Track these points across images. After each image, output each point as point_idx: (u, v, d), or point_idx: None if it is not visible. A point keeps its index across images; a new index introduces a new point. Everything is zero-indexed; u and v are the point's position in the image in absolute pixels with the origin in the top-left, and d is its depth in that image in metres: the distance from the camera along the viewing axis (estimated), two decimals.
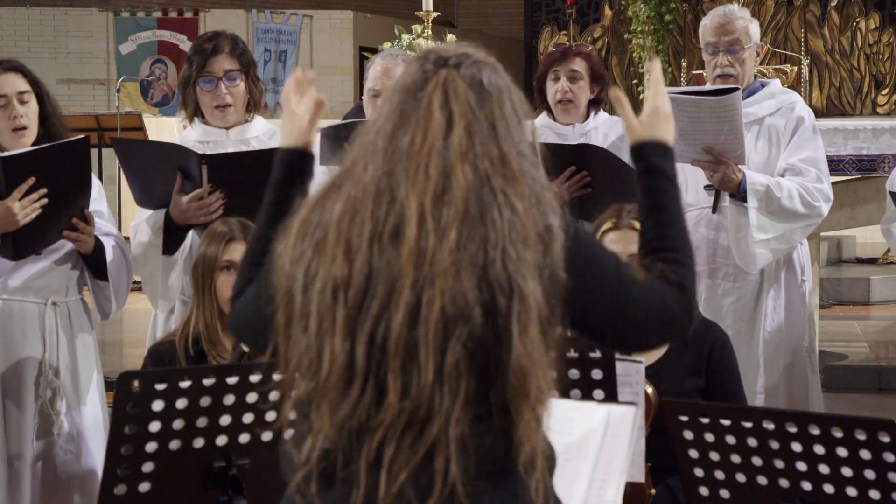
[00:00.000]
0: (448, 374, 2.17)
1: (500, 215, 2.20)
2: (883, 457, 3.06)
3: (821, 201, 5.33)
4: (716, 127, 5.09)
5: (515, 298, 2.18)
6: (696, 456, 3.32)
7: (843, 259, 13.01)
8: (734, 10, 5.52)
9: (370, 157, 2.25)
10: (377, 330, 2.19)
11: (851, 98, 14.34)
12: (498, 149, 2.25)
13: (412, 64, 2.33)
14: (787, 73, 10.58)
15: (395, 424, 2.18)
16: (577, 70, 5.48)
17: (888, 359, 9.51)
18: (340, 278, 2.20)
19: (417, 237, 2.18)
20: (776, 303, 5.44)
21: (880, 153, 7.14)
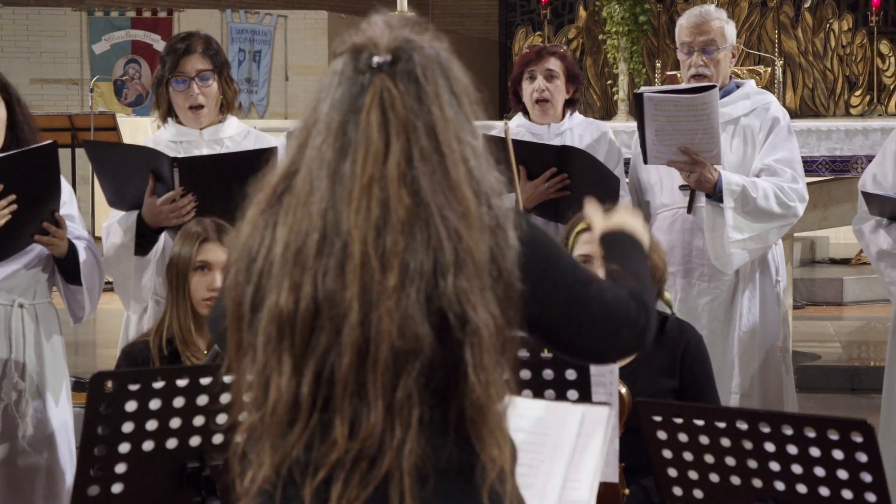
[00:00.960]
0: (399, 407, 2.13)
1: (445, 242, 2.14)
2: (856, 457, 3.07)
3: (796, 202, 5.35)
4: (692, 126, 5.10)
5: (467, 330, 2.13)
6: (669, 456, 3.32)
7: (817, 260, 13.06)
8: (710, 10, 5.53)
9: (315, 178, 2.18)
10: (323, 368, 2.14)
11: (825, 99, 14.39)
12: (441, 163, 2.18)
13: (345, 67, 2.23)
14: (761, 73, 10.62)
15: (343, 462, 2.14)
16: (553, 69, 5.50)
17: (861, 359, 9.55)
18: (286, 313, 2.15)
19: (361, 274, 2.12)
20: (751, 303, 5.46)
21: (853, 154, 7.17)
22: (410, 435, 2.13)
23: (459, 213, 2.16)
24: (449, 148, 2.19)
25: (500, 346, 2.18)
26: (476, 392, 2.14)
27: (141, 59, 17.25)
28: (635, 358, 4.28)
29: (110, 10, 17.41)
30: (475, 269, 2.15)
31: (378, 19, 2.28)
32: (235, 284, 2.23)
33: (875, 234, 5.24)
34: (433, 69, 2.23)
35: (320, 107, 2.22)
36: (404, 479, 2.13)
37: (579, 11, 15.13)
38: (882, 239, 5.21)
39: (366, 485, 2.13)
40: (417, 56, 2.23)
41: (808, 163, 6.85)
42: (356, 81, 2.21)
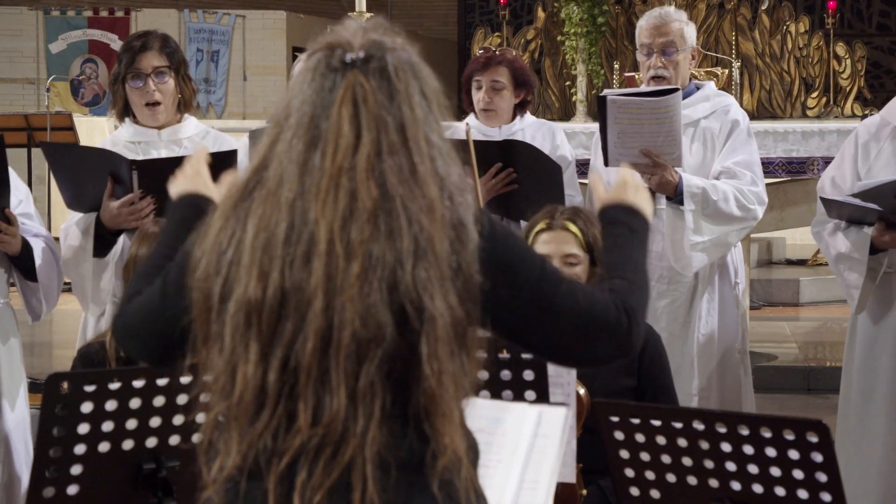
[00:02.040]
0: (362, 395, 2.15)
1: (407, 232, 2.17)
2: (811, 457, 3.08)
3: (756, 204, 5.38)
4: (655, 129, 5.11)
5: (424, 318, 2.16)
6: (626, 456, 3.33)
7: (773, 260, 13.12)
8: (670, 11, 5.55)
9: (285, 171, 2.22)
10: (290, 355, 2.17)
11: (781, 101, 14.45)
12: (407, 156, 2.22)
13: (318, 63, 2.27)
14: (719, 75, 10.65)
15: (307, 449, 2.16)
16: (499, 80, 5.50)
17: (817, 359, 9.60)
18: (254, 302, 2.18)
19: (327, 262, 2.15)
20: (710, 305, 5.48)
21: (809, 155, 7.22)
22: (373, 423, 2.15)
23: (423, 206, 2.19)
24: (416, 144, 2.23)
25: (457, 338, 2.20)
26: (429, 381, 2.17)
27: (98, 58, 17.16)
28: None
29: (67, 9, 17.32)
30: (435, 259, 2.17)
31: (352, 22, 2.32)
32: (205, 277, 2.25)
33: (834, 238, 5.27)
34: (405, 70, 2.27)
35: (292, 103, 2.26)
36: (367, 467, 2.15)
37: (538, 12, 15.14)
38: (840, 242, 5.23)
39: (329, 472, 2.15)
40: (390, 56, 2.26)
41: (765, 164, 6.88)
42: (329, 77, 2.24)
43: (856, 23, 18.68)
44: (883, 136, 5.26)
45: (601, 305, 2.41)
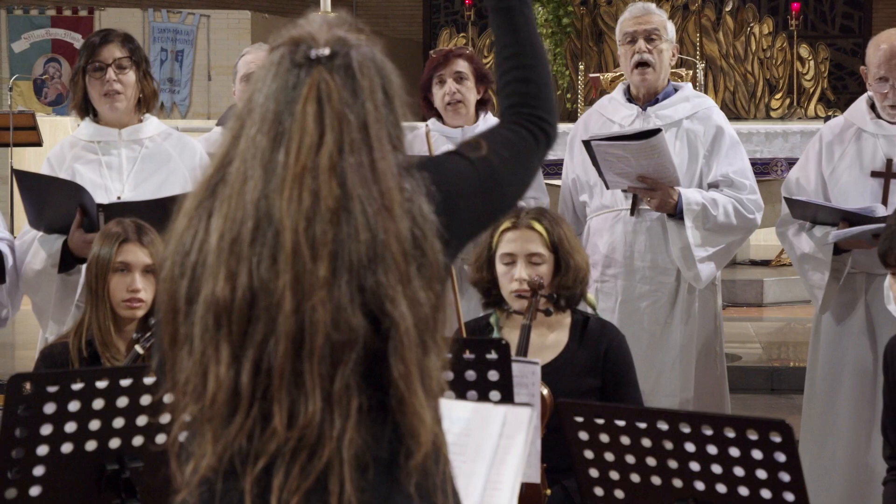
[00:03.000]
0: (337, 398, 2.13)
1: (365, 234, 2.15)
2: (774, 456, 3.10)
3: (755, 213, 5.44)
4: (644, 162, 5.15)
5: (389, 323, 2.15)
6: (591, 456, 3.33)
7: (738, 261, 13.15)
8: (652, 5, 5.61)
9: (249, 168, 2.19)
10: (262, 357, 2.15)
11: (746, 102, 14.51)
12: (369, 154, 2.20)
13: (282, 59, 2.24)
14: (683, 76, 10.69)
15: (283, 451, 2.14)
16: (462, 70, 5.50)
17: (781, 360, 9.63)
18: (223, 302, 2.15)
19: (293, 263, 2.13)
20: (690, 306, 5.50)
21: (773, 156, 7.26)
22: (350, 424, 2.13)
23: (381, 206, 2.18)
24: (378, 142, 2.22)
25: (426, 335, 2.19)
26: (397, 384, 2.16)
27: (61, 57, 17.08)
28: (558, 357, 4.30)
29: (30, 8, 17.23)
30: (394, 261, 2.16)
31: (316, 17, 2.31)
32: (170, 278, 2.23)
33: (798, 238, 5.30)
34: (369, 66, 2.25)
35: (255, 97, 2.23)
36: (344, 469, 2.13)
37: None
38: (805, 242, 5.26)
39: (306, 475, 2.14)
40: (355, 52, 2.25)
41: None
42: (293, 73, 2.22)
43: (819, 25, 18.78)
44: (847, 138, 5.30)
45: (529, 154, 2.49)
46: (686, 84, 5.70)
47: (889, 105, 5.16)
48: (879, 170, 5.20)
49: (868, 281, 5.25)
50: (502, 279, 4.30)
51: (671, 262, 5.40)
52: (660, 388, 4.92)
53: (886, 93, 5.13)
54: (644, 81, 5.46)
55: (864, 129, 5.26)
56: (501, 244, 4.30)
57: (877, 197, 5.16)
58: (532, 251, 4.26)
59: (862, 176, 5.22)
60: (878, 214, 4.95)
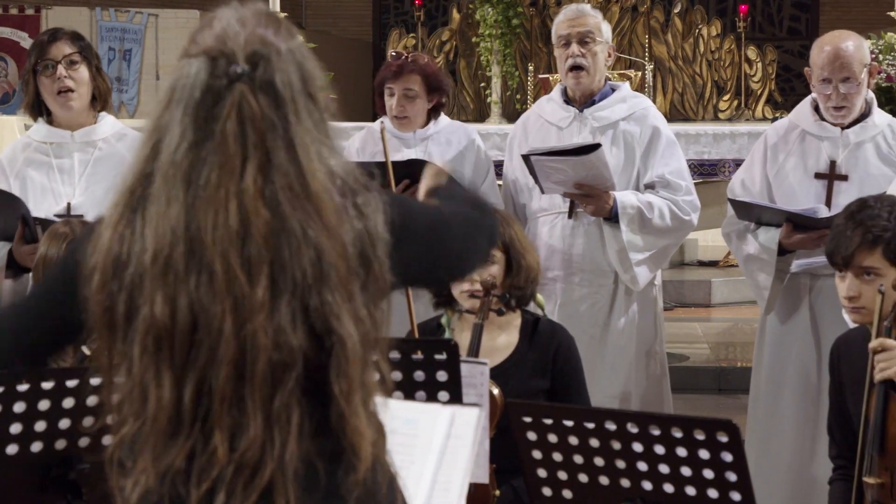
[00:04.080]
0: (277, 417, 2.13)
1: (307, 256, 2.12)
2: (721, 456, 3.11)
3: (691, 213, 5.46)
4: (583, 173, 5.16)
5: (333, 340, 2.14)
6: (539, 457, 3.34)
7: (686, 262, 13.21)
8: (587, 7, 5.62)
9: (171, 188, 2.14)
10: (204, 380, 2.13)
11: (694, 103, 14.56)
12: (299, 173, 2.15)
13: (200, 72, 2.17)
14: (632, 77, 10.73)
15: (224, 472, 2.13)
16: (412, 88, 5.48)
17: (728, 360, 9.68)
18: (163, 326, 2.13)
19: (229, 288, 2.11)
20: (629, 307, 5.51)
21: (721, 158, 7.28)
22: (290, 442, 2.13)
23: (321, 227, 2.14)
24: (307, 157, 2.16)
25: (368, 350, 2.18)
26: (338, 401, 2.15)
27: (8, 56, 16.93)
28: (507, 358, 4.31)
29: None
30: (339, 280, 2.14)
31: (229, 16, 2.22)
32: (101, 288, 2.20)
33: (743, 240, 5.33)
34: (289, 72, 2.19)
35: (173, 109, 2.17)
36: (288, 486, 2.13)
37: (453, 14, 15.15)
38: (750, 244, 5.29)
39: (249, 494, 2.13)
40: (275, 59, 2.18)
41: None
42: (213, 89, 2.16)
43: (767, 27, 18.87)
44: (791, 139, 5.33)
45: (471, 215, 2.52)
46: (623, 84, 5.71)
47: (832, 107, 5.19)
48: (823, 171, 5.24)
49: (812, 282, 5.28)
50: None
51: (609, 264, 5.42)
52: (599, 389, 4.94)
53: (830, 94, 5.17)
54: (578, 84, 5.48)
55: (809, 131, 5.30)
56: None
57: (820, 198, 5.20)
58: None
59: (806, 177, 5.25)
60: (821, 215, 4.99)
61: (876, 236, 3.91)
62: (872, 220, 3.93)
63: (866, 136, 5.24)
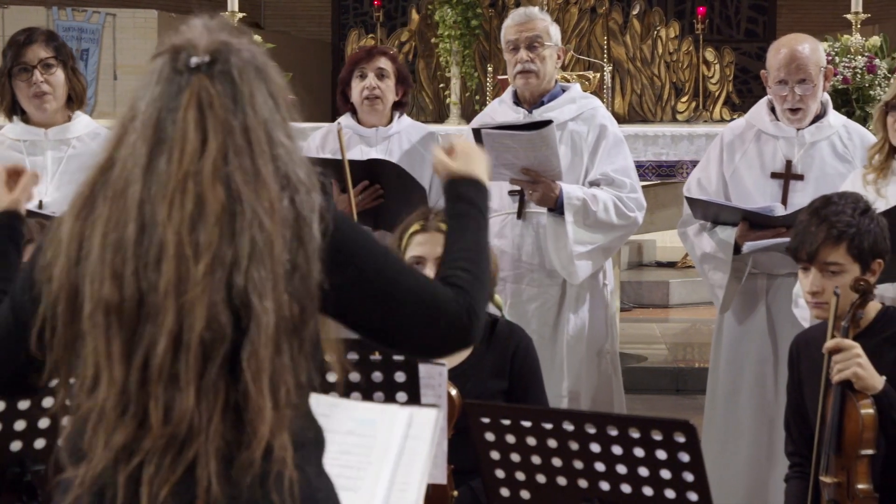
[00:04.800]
0: (205, 392, 2.20)
1: (247, 233, 2.21)
2: (678, 457, 3.12)
3: (636, 211, 5.45)
4: (531, 155, 5.16)
5: (251, 317, 2.21)
6: (497, 457, 3.34)
7: (644, 263, 13.26)
8: (535, 10, 5.64)
9: (130, 174, 2.25)
10: (149, 358, 2.21)
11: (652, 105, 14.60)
12: (251, 159, 2.26)
13: (163, 67, 2.31)
14: (591, 79, 10.75)
15: (155, 446, 2.20)
16: (384, 68, 5.52)
17: (686, 360, 9.72)
18: (111, 303, 2.21)
19: (177, 265, 2.19)
20: (579, 307, 5.53)
21: (679, 159, 7.30)
22: (215, 419, 2.20)
23: (265, 207, 2.23)
24: (259, 147, 2.27)
25: (286, 336, 2.24)
26: (244, 379, 2.21)
27: None
28: (465, 359, 4.30)
29: None
30: (271, 260, 2.22)
31: (197, 22, 2.36)
32: (66, 284, 2.27)
33: (699, 238, 5.35)
34: (249, 71, 2.31)
35: (138, 105, 2.29)
36: (210, 462, 2.20)
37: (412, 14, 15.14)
38: (706, 242, 5.32)
39: (175, 468, 2.20)
40: (235, 58, 2.30)
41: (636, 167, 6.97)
42: (174, 81, 2.28)
43: (725, 29, 18.97)
44: (747, 139, 5.36)
45: (444, 298, 2.47)
46: (574, 85, 5.74)
47: (788, 108, 5.23)
48: (779, 171, 5.27)
49: (769, 282, 5.31)
50: None
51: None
52: (549, 389, 4.95)
53: (786, 96, 5.20)
54: (527, 86, 5.50)
55: (765, 131, 5.33)
56: (410, 247, 4.29)
57: (776, 197, 5.23)
58: (441, 254, 4.25)
59: (762, 177, 5.29)
60: (777, 214, 5.02)
61: (840, 232, 3.94)
62: (837, 217, 3.96)
63: (822, 136, 5.28)
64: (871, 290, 3.98)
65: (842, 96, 7.84)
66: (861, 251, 3.97)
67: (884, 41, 8.24)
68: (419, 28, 14.95)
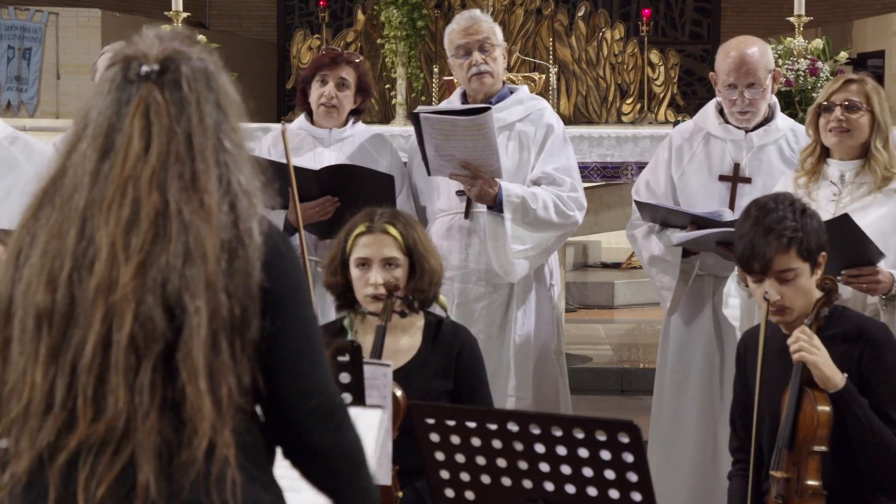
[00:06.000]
0: (139, 390, 2.21)
1: (179, 236, 2.24)
2: (622, 457, 3.13)
3: (575, 210, 5.45)
4: (471, 144, 5.16)
5: (185, 317, 2.22)
6: (442, 458, 3.34)
7: (589, 264, 13.29)
8: (478, 13, 5.65)
9: (79, 180, 2.29)
10: (78, 359, 2.22)
11: (598, 107, 14.65)
12: (191, 166, 2.28)
13: (115, 76, 2.34)
14: (536, 80, 10.76)
15: (89, 445, 2.21)
16: (346, 78, 5.51)
17: (631, 361, 9.75)
18: (43, 307, 2.24)
19: (109, 269, 2.22)
20: (526, 307, 5.53)
21: (624, 161, 7.32)
22: (152, 416, 2.21)
23: (199, 211, 2.26)
24: (202, 153, 2.30)
25: (223, 336, 2.24)
26: (181, 378, 2.22)
27: None
28: (411, 360, 4.30)
29: None
30: (204, 261, 2.24)
31: (150, 32, 2.39)
32: (5, 286, 2.30)
33: (647, 240, 5.37)
34: (198, 79, 2.34)
35: (90, 113, 2.33)
36: (147, 460, 2.21)
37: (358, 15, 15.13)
38: (654, 245, 5.33)
39: (112, 466, 2.21)
40: (185, 67, 2.34)
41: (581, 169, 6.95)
42: (125, 90, 2.32)
43: (669, 31, 19.07)
44: (696, 142, 5.39)
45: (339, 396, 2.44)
46: (522, 87, 5.75)
47: (738, 111, 5.26)
48: (727, 174, 5.29)
49: (716, 284, 5.34)
50: (357, 283, 4.29)
51: None
52: (495, 389, 4.96)
53: (735, 99, 5.23)
54: (482, 87, 5.50)
55: (713, 134, 5.35)
56: (356, 248, 4.29)
57: (724, 200, 5.25)
58: (387, 255, 4.26)
59: (710, 180, 5.31)
60: (725, 218, 5.03)
61: (790, 238, 3.97)
62: (781, 223, 3.98)
63: (769, 140, 5.31)
64: (835, 289, 4.03)
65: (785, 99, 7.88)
66: (810, 251, 4.00)
67: (826, 44, 8.30)
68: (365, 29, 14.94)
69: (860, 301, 4.65)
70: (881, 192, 4.71)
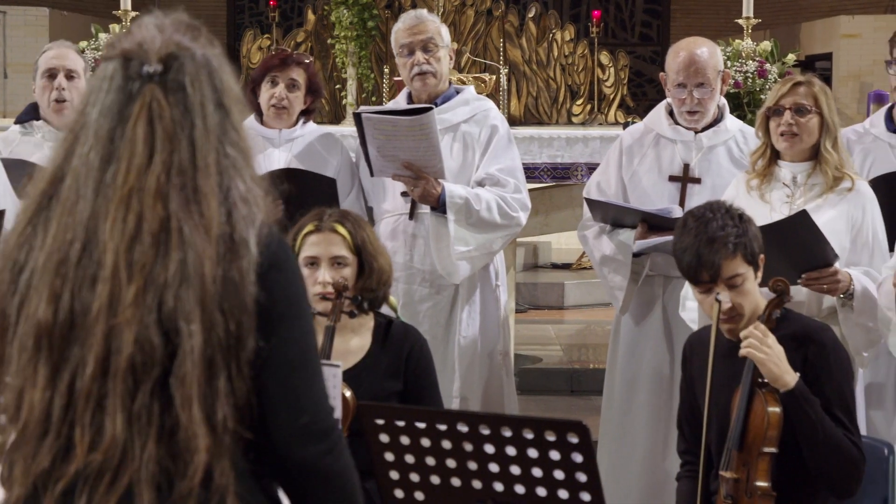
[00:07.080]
0: (137, 418, 2.13)
1: (177, 253, 2.15)
2: (572, 457, 3.13)
3: (519, 211, 5.46)
4: (413, 144, 5.16)
5: (179, 341, 2.13)
6: (391, 459, 3.33)
7: (539, 264, 13.31)
8: (424, 13, 5.65)
9: (81, 186, 2.19)
10: (76, 380, 2.14)
11: (548, 107, 14.66)
12: (193, 178, 2.19)
13: (115, 73, 2.23)
14: (487, 81, 10.77)
15: (86, 474, 2.14)
16: (296, 80, 5.50)
17: (581, 361, 9.77)
18: (44, 324, 2.15)
19: (111, 286, 2.13)
20: (471, 308, 5.54)
21: (574, 161, 7.33)
22: (149, 445, 2.14)
23: (200, 225, 2.17)
24: (204, 161, 2.20)
25: (218, 359, 2.17)
26: (175, 401, 2.14)
27: None
28: (360, 361, 4.29)
29: None
30: (200, 281, 2.15)
31: (149, 22, 2.28)
32: (1, 295, 2.21)
33: (598, 240, 5.38)
34: (202, 78, 2.25)
35: (89, 112, 2.22)
36: (145, 490, 2.13)
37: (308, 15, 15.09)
38: (605, 245, 5.35)
39: (109, 496, 2.14)
40: (188, 64, 2.24)
41: (531, 170, 6.99)
42: (125, 90, 2.22)
43: (619, 32, 19.14)
44: (646, 143, 5.41)
45: (333, 418, 2.36)
46: (468, 87, 5.76)
47: (687, 111, 5.28)
48: (677, 174, 5.32)
49: (665, 283, 5.36)
50: (306, 281, 4.27)
51: None
52: (441, 389, 4.97)
53: (684, 99, 5.25)
54: (425, 87, 5.50)
55: (663, 135, 5.38)
56: (304, 247, 4.27)
57: (674, 201, 5.28)
58: (335, 254, 4.25)
59: (660, 180, 5.33)
60: (675, 215, 5.06)
61: (735, 244, 3.99)
62: (723, 231, 4.00)
63: (719, 141, 5.34)
64: (787, 291, 4.05)
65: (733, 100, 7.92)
66: (753, 254, 4.03)
67: (774, 46, 8.34)
68: (315, 29, 14.88)
69: (815, 303, 4.68)
70: (833, 192, 4.75)
